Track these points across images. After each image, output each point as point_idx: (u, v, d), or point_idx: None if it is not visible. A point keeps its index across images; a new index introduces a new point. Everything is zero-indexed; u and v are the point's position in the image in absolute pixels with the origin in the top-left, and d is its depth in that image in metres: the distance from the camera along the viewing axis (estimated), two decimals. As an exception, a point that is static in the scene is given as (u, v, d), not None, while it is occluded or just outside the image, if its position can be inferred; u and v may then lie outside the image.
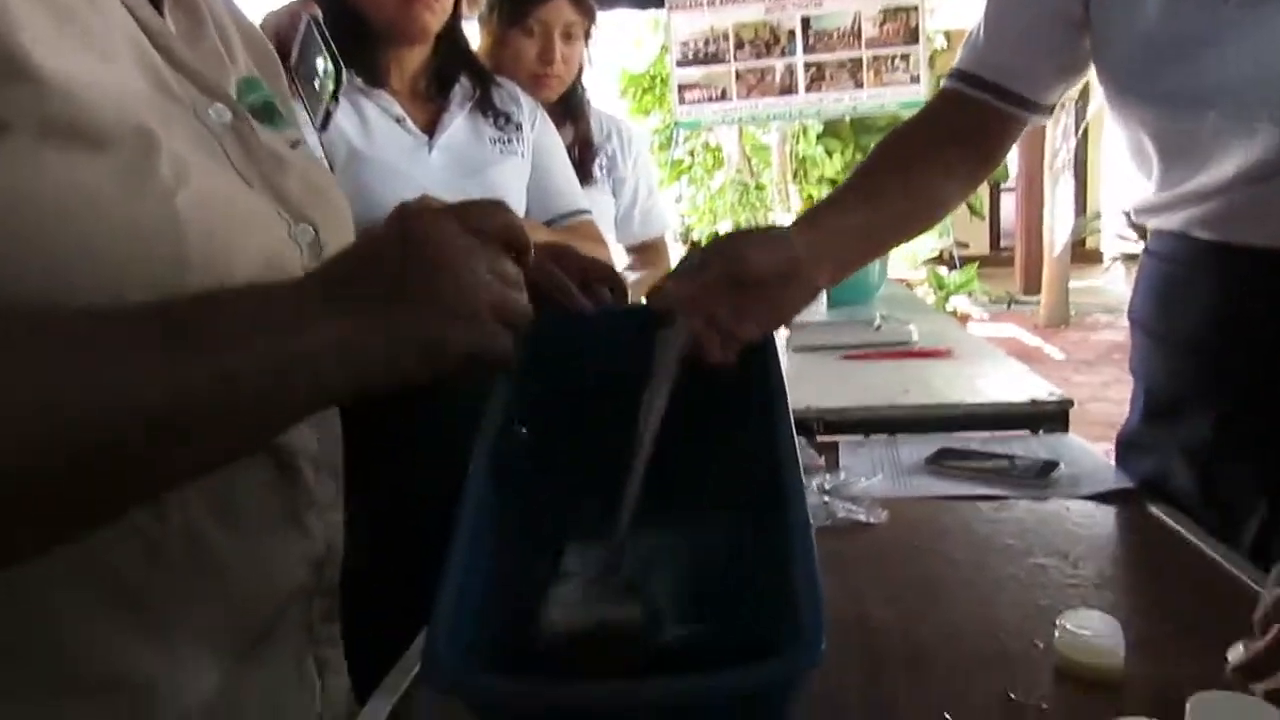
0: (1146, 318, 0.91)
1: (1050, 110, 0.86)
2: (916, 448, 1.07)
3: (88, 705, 0.44)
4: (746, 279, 0.64)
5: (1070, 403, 1.16)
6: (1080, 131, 7.31)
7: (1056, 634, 0.61)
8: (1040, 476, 0.95)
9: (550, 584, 0.60)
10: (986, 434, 1.15)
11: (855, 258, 0.76)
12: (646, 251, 1.89)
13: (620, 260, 1.88)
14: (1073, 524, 0.85)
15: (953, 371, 1.39)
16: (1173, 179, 0.82)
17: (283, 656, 0.54)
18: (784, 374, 0.64)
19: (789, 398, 0.61)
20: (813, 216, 0.77)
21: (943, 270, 6.86)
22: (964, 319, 5.94)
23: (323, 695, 0.57)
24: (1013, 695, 0.57)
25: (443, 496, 0.54)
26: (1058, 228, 7.06)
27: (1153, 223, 0.89)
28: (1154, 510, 0.86)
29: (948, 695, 0.58)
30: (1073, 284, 7.21)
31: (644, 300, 0.64)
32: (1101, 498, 0.90)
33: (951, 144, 0.85)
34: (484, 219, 0.46)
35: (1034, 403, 1.17)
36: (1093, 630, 0.60)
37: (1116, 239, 7.82)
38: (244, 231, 0.48)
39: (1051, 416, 1.16)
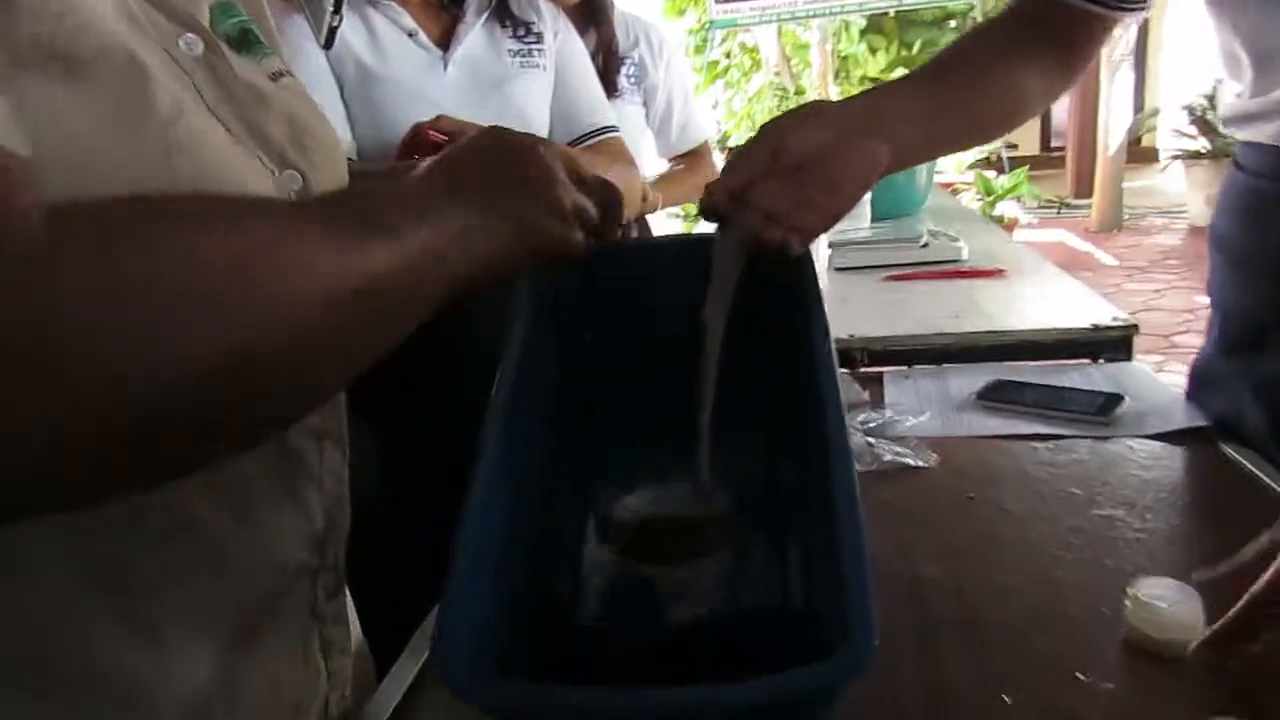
0: (1229, 237, 0.83)
1: (1142, 7, 0.75)
2: (967, 380, 1.01)
3: (71, 699, 0.41)
4: (794, 162, 0.59)
5: (1135, 328, 1.08)
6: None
7: (1126, 603, 0.56)
8: (1102, 413, 0.89)
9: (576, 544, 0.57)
10: (1042, 363, 1.08)
11: (916, 142, 0.67)
12: (688, 161, 1.81)
13: (659, 170, 1.81)
14: (1139, 467, 0.79)
15: (1006, 293, 1.31)
16: (1266, 85, 0.72)
17: (284, 639, 0.51)
18: (823, 299, 0.59)
19: (829, 326, 0.56)
20: (869, 93, 0.69)
21: (991, 174, 6.59)
22: (1011, 225, 5.73)
23: (328, 677, 0.54)
24: (1080, 676, 0.52)
25: (454, 452, 0.51)
26: (1114, 125, 6.70)
27: (1242, 134, 0.79)
28: (1229, 452, 0.79)
29: (1006, 669, 0.54)
30: (1126, 185, 6.89)
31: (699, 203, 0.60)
32: (1170, 437, 0.84)
33: (1030, 42, 0.75)
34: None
35: (1095, 328, 1.09)
36: (1166, 600, 0.55)
37: (1174, 135, 7.42)
38: (225, 178, 0.43)
39: (1114, 343, 1.08)
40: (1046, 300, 1.26)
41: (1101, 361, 1.07)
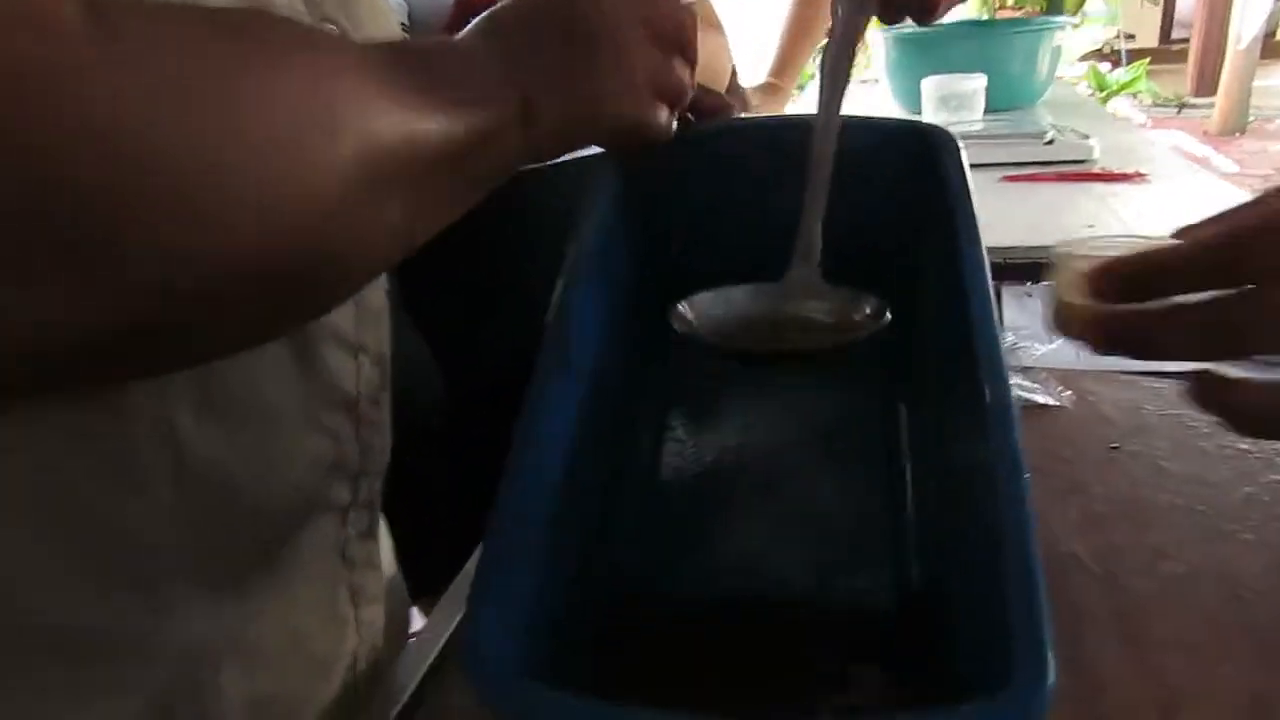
0: None
1: None
2: (1103, 302, 0.86)
3: (57, 670, 0.33)
4: None
5: (1313, 251, 0.91)
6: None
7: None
8: (1275, 352, 0.74)
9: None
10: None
11: None
12: None
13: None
14: (1327, 424, 0.65)
15: (1147, 201, 1.13)
16: None
17: (308, 589, 0.42)
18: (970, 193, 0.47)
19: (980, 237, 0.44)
20: None
21: (1104, 67, 6.06)
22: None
23: (357, 628, 0.46)
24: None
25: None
26: (1249, 13, 6.06)
27: None
28: None
29: (1178, 686, 0.43)
30: (1255, 83, 6.27)
31: None
32: (1365, 388, 0.69)
33: None
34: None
35: (1262, 249, 0.92)
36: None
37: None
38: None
39: None
40: (1196, 211, 1.08)
41: (1266, 288, 0.91)
